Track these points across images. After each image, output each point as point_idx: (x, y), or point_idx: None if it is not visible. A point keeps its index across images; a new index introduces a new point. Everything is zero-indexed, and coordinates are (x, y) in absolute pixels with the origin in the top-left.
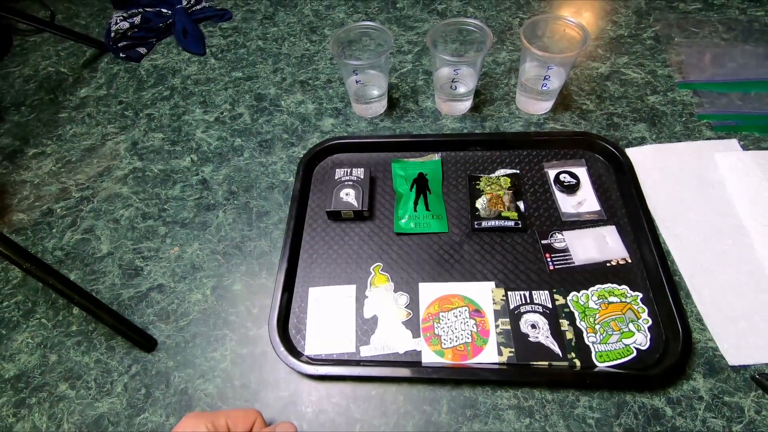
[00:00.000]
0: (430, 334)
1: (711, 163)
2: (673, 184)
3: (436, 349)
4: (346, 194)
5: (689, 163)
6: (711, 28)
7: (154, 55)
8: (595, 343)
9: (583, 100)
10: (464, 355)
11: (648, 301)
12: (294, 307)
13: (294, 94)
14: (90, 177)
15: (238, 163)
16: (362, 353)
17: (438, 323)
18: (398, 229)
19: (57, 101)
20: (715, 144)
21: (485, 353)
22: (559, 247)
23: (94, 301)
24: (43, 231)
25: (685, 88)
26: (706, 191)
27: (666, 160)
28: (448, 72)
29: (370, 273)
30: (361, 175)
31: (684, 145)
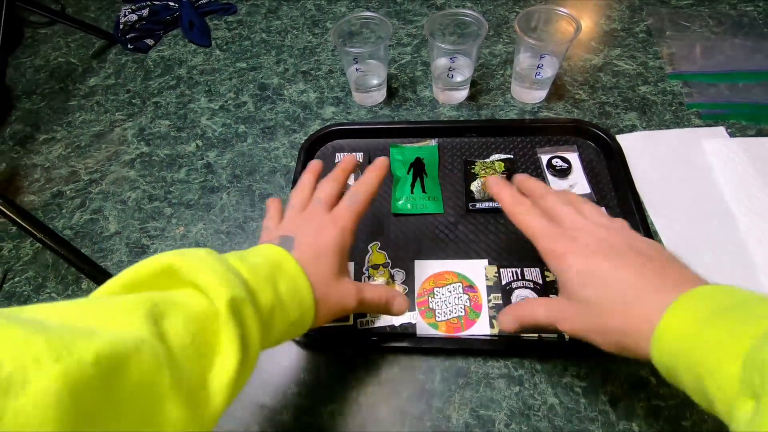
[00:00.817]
0: (425, 308)
1: (699, 150)
2: (662, 169)
3: (431, 321)
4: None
5: (677, 149)
6: (702, 23)
7: (161, 46)
8: None
9: (576, 90)
10: (457, 327)
11: None
12: None
13: (296, 83)
14: (99, 161)
15: (242, 149)
16: (358, 325)
17: (432, 298)
18: (395, 210)
19: (67, 90)
20: (703, 131)
21: (477, 326)
22: None
23: (103, 272)
24: (53, 212)
25: (676, 79)
26: (694, 176)
27: (655, 147)
28: (445, 62)
29: (368, 251)
30: (360, 159)
31: (673, 132)
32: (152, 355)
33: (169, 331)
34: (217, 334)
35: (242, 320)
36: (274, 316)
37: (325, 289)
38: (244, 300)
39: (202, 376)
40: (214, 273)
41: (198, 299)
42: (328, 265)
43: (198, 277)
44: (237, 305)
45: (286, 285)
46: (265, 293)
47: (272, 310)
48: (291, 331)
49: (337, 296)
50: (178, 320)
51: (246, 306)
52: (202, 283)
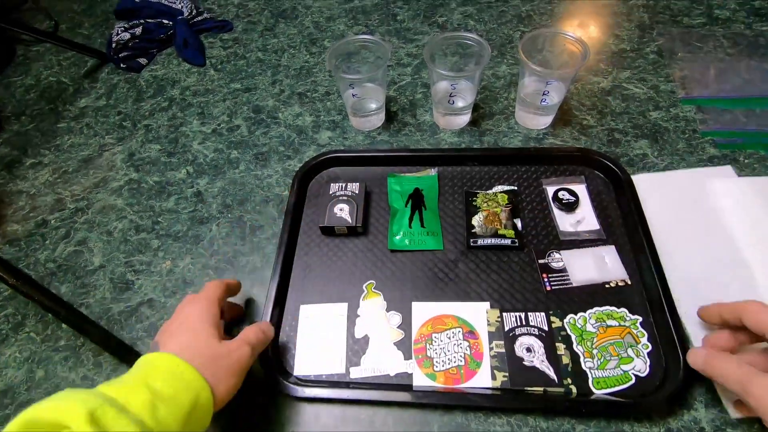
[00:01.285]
0: (422, 356)
1: (708, 190)
2: (671, 210)
3: (428, 371)
4: (340, 209)
5: (686, 189)
6: (715, 43)
7: (155, 65)
8: (593, 368)
9: (584, 115)
10: (457, 378)
11: (648, 325)
12: (284, 325)
13: (292, 106)
14: (85, 188)
15: (234, 176)
16: (352, 374)
17: (430, 345)
18: (392, 245)
19: (57, 111)
20: (711, 171)
21: (478, 377)
22: (556, 266)
23: (80, 316)
24: (36, 242)
25: (689, 104)
26: (703, 218)
27: (663, 187)
28: (445, 86)
29: (362, 291)
30: (356, 190)
31: (681, 173)
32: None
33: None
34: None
35: (106, 426)
36: (157, 412)
37: (212, 357)
38: (102, 406)
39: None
40: (68, 401)
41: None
42: (204, 336)
43: (54, 415)
44: (95, 415)
45: (162, 378)
46: (136, 396)
47: (153, 407)
48: (195, 416)
49: (227, 357)
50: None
51: (107, 411)
52: (59, 417)
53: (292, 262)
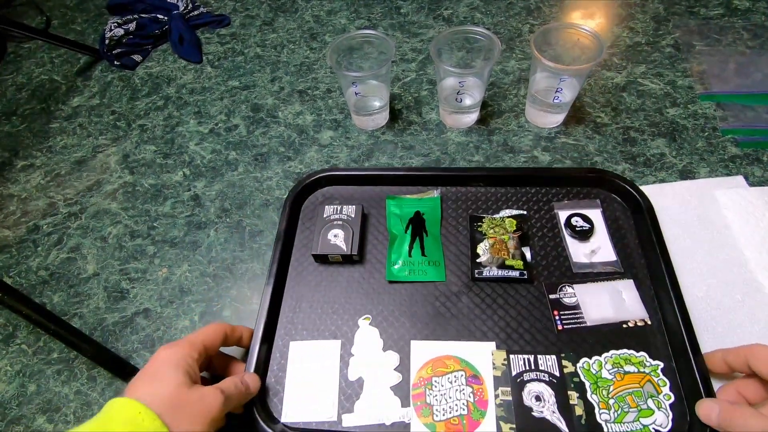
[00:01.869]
0: (421, 402)
1: (715, 202)
2: (679, 225)
3: (427, 421)
4: (334, 236)
5: (690, 201)
6: (735, 35)
7: (150, 62)
8: (609, 421)
9: (597, 112)
10: (459, 430)
11: (670, 372)
12: (272, 363)
13: (292, 104)
14: (79, 191)
15: (232, 178)
16: (344, 422)
17: (430, 390)
18: (390, 276)
19: (49, 111)
20: (719, 181)
21: (482, 429)
22: (569, 303)
23: (71, 331)
24: (28, 249)
25: (708, 100)
26: (712, 233)
27: (671, 200)
28: (453, 83)
29: (357, 326)
30: (352, 213)
31: (686, 184)
32: None
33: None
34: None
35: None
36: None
37: (176, 402)
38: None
39: None
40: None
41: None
42: (168, 380)
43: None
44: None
45: (121, 426)
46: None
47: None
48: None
49: (194, 401)
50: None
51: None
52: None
53: (283, 292)
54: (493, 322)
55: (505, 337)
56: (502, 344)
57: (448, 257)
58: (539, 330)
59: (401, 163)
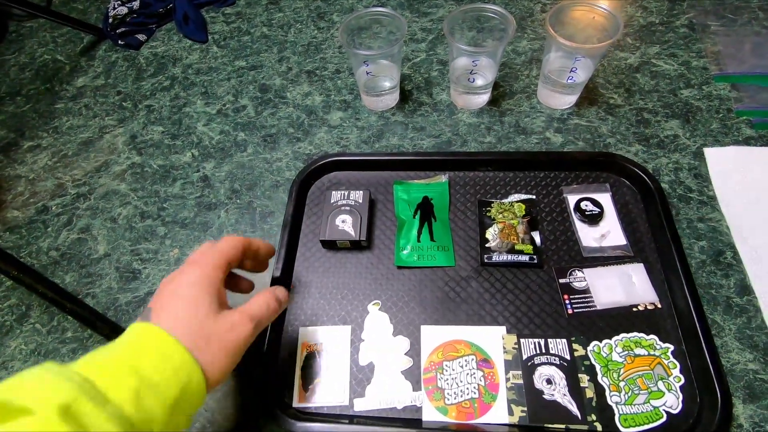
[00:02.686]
0: (432, 386)
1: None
2: (753, 191)
3: (439, 405)
4: (342, 221)
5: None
6: (751, 15)
7: (154, 42)
8: (619, 403)
9: (611, 93)
10: (470, 413)
11: (680, 355)
12: (282, 350)
13: (300, 85)
14: (87, 172)
15: (241, 159)
16: (356, 407)
17: (441, 374)
18: (399, 262)
19: (53, 91)
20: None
21: (493, 412)
22: (579, 287)
23: (88, 309)
24: (38, 230)
25: (722, 81)
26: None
27: (746, 165)
28: (465, 62)
29: (367, 311)
30: (359, 199)
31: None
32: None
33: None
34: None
35: (80, 420)
36: (143, 403)
37: (205, 333)
38: (76, 400)
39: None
40: (42, 384)
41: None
42: (197, 308)
43: (26, 401)
44: (70, 411)
45: (150, 359)
46: (121, 382)
47: (137, 397)
48: (184, 403)
49: (223, 332)
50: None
51: (83, 405)
52: (30, 405)
53: (291, 278)
54: (503, 306)
55: (516, 321)
56: (512, 328)
57: (457, 242)
58: (549, 314)
59: (412, 144)
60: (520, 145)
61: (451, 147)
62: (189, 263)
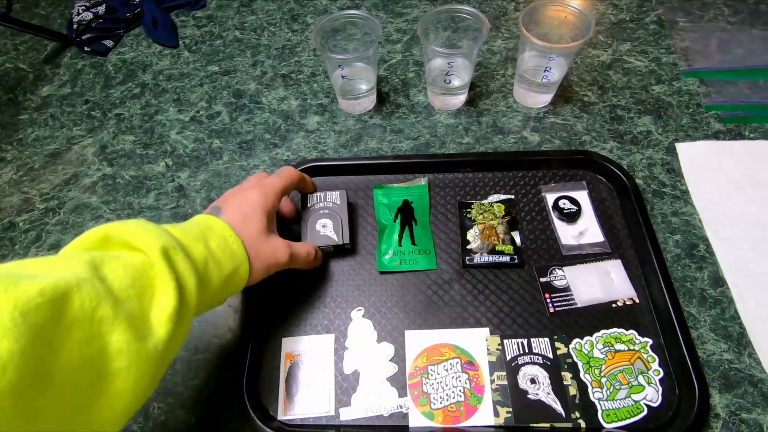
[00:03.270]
0: (418, 392)
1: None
2: (725, 186)
3: (425, 410)
4: (323, 226)
5: (742, 162)
6: (716, 11)
7: (122, 48)
8: (602, 399)
9: (585, 91)
10: (456, 417)
11: (659, 348)
12: (265, 362)
13: (276, 89)
14: (55, 186)
15: (217, 167)
16: (342, 416)
17: (426, 379)
18: (381, 267)
19: (17, 101)
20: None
21: (480, 414)
22: (559, 285)
23: None
24: (4, 248)
25: (692, 77)
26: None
27: (719, 159)
28: (441, 63)
29: (350, 319)
30: (337, 200)
31: (738, 144)
32: (92, 289)
33: (108, 275)
34: (154, 280)
35: (174, 265)
36: (208, 268)
37: (256, 245)
38: (174, 247)
39: (144, 312)
40: (145, 231)
41: (134, 254)
42: (255, 224)
43: (131, 238)
44: (168, 253)
45: (216, 241)
46: (196, 247)
47: (205, 263)
48: (229, 284)
49: (268, 251)
50: (116, 267)
51: (176, 253)
52: (135, 241)
53: (272, 288)
54: (485, 308)
55: (498, 322)
56: (495, 329)
57: (439, 245)
58: (531, 313)
59: (390, 147)
60: (498, 145)
61: (429, 149)
62: (253, 186)
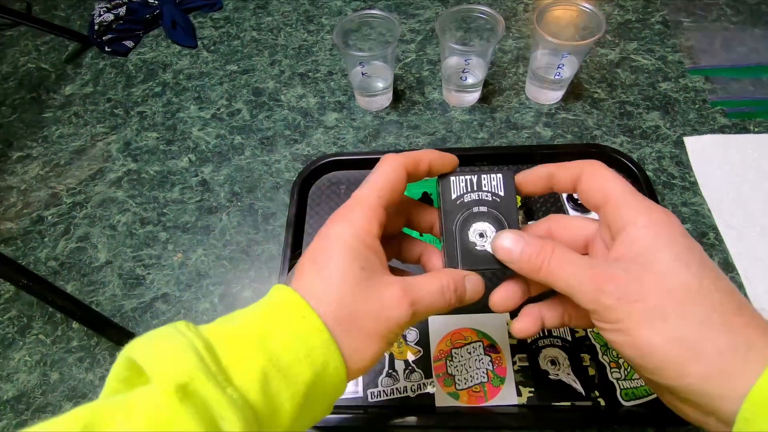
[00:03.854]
0: (443, 374)
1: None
2: (733, 176)
3: (450, 390)
4: (479, 235)
5: (747, 154)
6: (719, 12)
7: (142, 48)
8: (620, 379)
9: (594, 88)
10: (480, 396)
11: None
12: None
13: (294, 87)
14: (81, 181)
15: (240, 162)
16: (370, 397)
17: (451, 361)
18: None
19: (40, 100)
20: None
21: (503, 394)
22: None
23: (96, 315)
24: (34, 240)
25: (697, 74)
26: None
27: (725, 151)
28: (456, 61)
29: None
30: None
31: (743, 137)
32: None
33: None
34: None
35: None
36: (269, 381)
37: (350, 309)
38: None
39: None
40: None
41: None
42: (336, 276)
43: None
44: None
45: (281, 334)
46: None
47: (265, 377)
48: (322, 391)
49: (375, 310)
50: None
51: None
52: (148, 370)
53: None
54: None
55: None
56: (515, 314)
57: None
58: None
59: (408, 142)
60: (512, 140)
61: (446, 144)
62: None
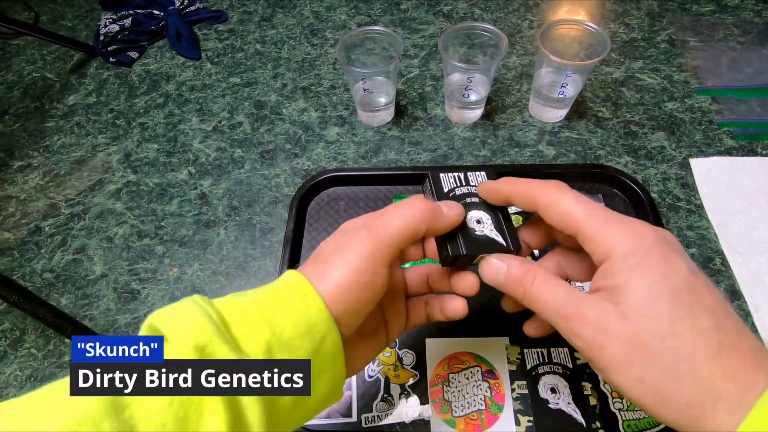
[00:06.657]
0: (439, 399)
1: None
2: (739, 199)
3: (447, 417)
4: (477, 222)
5: (755, 177)
6: (726, 31)
7: (146, 59)
8: (622, 410)
9: (599, 107)
10: (478, 425)
11: None
12: None
13: (296, 101)
14: (80, 191)
15: (239, 176)
16: (364, 422)
17: (448, 387)
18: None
19: (43, 109)
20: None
21: (501, 423)
22: None
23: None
24: (31, 251)
25: (703, 95)
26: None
27: (729, 173)
28: (459, 78)
29: None
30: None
31: (751, 160)
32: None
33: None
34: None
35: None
36: (273, 354)
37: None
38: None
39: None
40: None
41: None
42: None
43: (166, 331)
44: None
45: (285, 315)
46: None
47: (269, 349)
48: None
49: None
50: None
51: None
52: (169, 335)
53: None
54: (504, 315)
55: (518, 330)
56: (515, 340)
57: None
58: None
59: (409, 158)
60: (515, 158)
61: (447, 161)
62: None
